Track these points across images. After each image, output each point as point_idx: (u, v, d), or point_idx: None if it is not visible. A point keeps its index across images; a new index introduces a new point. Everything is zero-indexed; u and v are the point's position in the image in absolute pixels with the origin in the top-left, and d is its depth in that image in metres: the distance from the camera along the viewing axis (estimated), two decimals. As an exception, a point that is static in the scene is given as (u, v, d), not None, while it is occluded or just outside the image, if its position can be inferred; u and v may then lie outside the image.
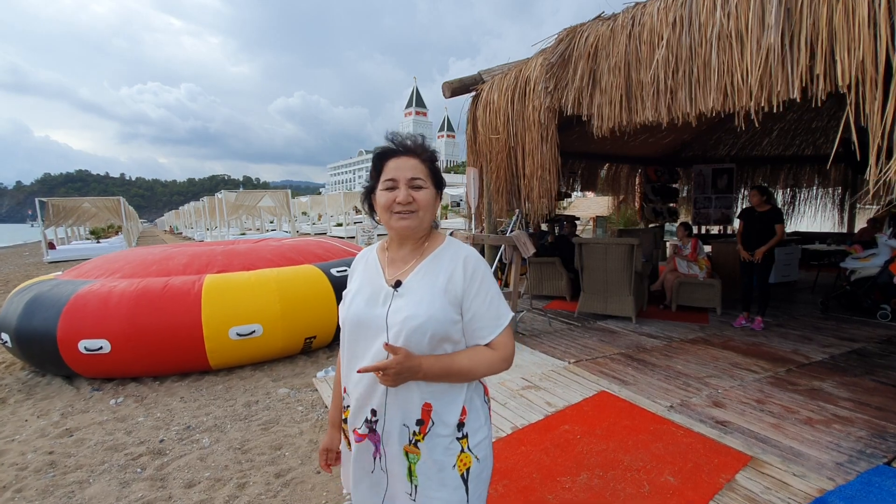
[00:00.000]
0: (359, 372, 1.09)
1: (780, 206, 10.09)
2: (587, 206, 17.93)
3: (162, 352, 4.21)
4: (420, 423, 1.13)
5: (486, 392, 1.27)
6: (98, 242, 21.19)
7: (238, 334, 4.35)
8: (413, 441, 1.13)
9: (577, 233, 8.85)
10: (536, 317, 5.84)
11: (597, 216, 12.41)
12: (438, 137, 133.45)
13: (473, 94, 5.14)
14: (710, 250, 7.35)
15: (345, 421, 1.27)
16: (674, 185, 10.24)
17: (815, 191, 10.14)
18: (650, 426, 2.90)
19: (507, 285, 5.24)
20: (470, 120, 5.21)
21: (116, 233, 24.22)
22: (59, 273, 5.28)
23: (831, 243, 8.46)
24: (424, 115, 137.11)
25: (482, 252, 6.71)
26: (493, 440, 2.76)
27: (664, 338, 4.86)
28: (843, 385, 3.54)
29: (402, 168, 1.15)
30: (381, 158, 1.19)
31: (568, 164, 9.53)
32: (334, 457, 1.38)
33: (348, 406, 1.24)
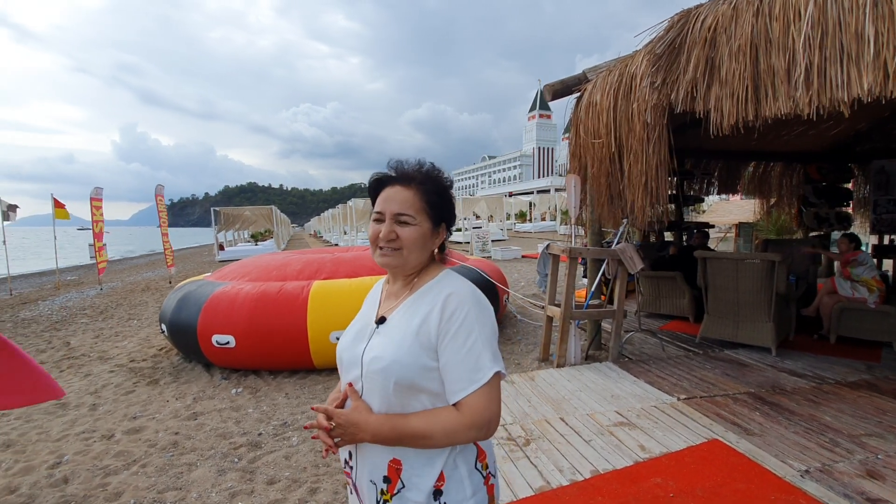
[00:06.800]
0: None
1: None
2: (728, 210, 15.66)
3: (274, 350, 4.65)
4: (387, 480, 1.01)
5: (480, 458, 1.06)
6: (256, 245, 24.70)
7: (338, 338, 4.60)
8: (381, 501, 1.01)
9: (713, 245, 7.71)
10: (648, 339, 5.20)
11: (740, 223, 10.70)
12: (563, 139, 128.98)
13: (577, 95, 4.78)
14: (890, 268, 5.86)
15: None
16: (845, 186, 8.42)
17: None
18: (772, 494, 2.32)
19: (611, 302, 4.76)
20: (573, 123, 4.85)
21: (271, 236, 28.00)
22: (209, 274, 6.19)
23: None
24: (549, 117, 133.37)
25: (584, 265, 6.20)
26: (568, 483, 2.48)
27: (813, 377, 3.94)
28: None
29: (391, 200, 1.05)
30: (375, 187, 1.10)
31: (701, 164, 8.42)
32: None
33: None
